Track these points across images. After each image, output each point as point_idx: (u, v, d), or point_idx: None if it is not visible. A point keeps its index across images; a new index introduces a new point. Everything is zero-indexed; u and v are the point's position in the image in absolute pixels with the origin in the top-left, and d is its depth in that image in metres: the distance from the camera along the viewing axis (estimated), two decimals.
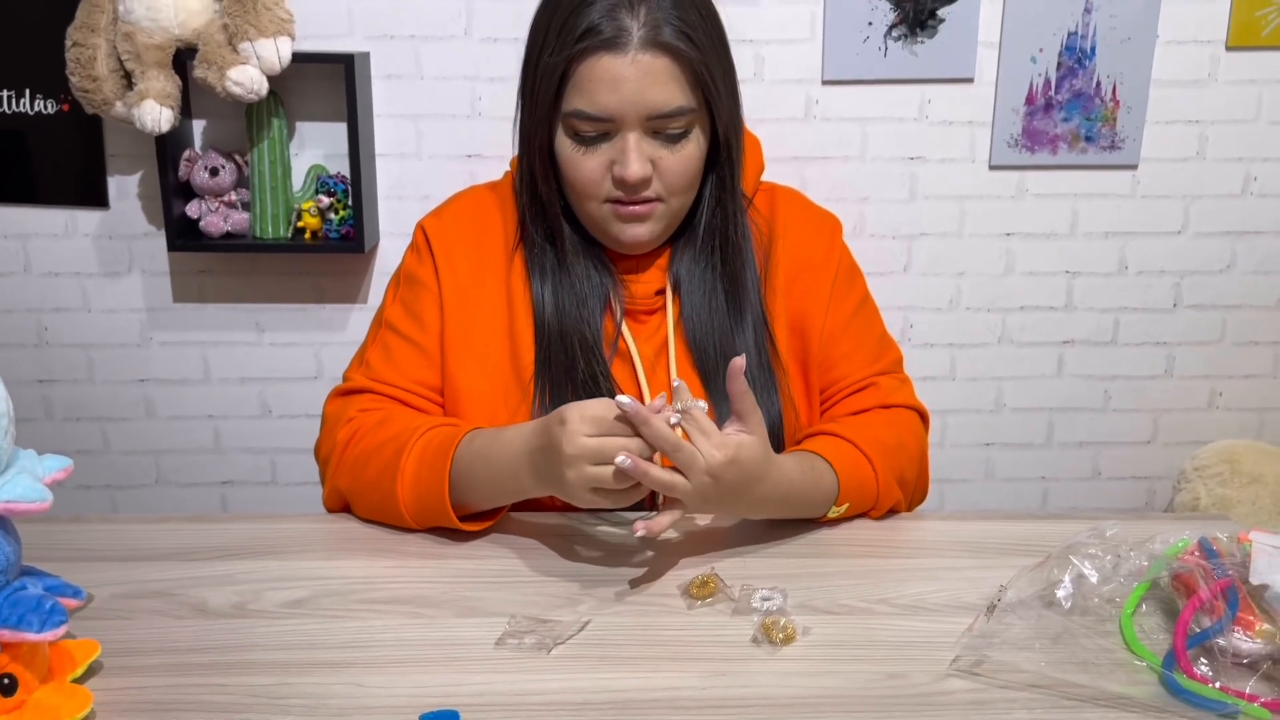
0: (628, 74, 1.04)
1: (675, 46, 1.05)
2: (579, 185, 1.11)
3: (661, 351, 1.16)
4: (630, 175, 1.07)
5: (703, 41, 1.07)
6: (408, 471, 1.04)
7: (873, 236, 1.83)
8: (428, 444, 1.05)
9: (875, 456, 1.10)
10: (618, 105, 1.05)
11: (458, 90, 1.75)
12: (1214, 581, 0.87)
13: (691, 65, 1.06)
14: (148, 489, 1.94)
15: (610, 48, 1.04)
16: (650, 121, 1.07)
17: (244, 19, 1.59)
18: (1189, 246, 1.85)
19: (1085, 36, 1.73)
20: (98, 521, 1.10)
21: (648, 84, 1.05)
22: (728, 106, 1.11)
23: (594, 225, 1.14)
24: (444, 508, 1.03)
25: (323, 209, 1.74)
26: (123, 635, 0.88)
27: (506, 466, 1.01)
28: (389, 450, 1.06)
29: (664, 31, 1.04)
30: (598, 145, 1.08)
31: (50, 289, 1.84)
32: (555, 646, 0.87)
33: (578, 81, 1.06)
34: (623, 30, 1.04)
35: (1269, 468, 1.78)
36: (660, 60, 1.05)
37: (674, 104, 1.06)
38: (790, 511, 1.06)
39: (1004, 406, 1.93)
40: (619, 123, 1.06)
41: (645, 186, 1.09)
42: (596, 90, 1.05)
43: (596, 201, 1.11)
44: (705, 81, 1.08)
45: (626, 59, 1.04)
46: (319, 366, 1.88)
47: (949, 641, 0.88)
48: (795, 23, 1.73)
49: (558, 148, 1.10)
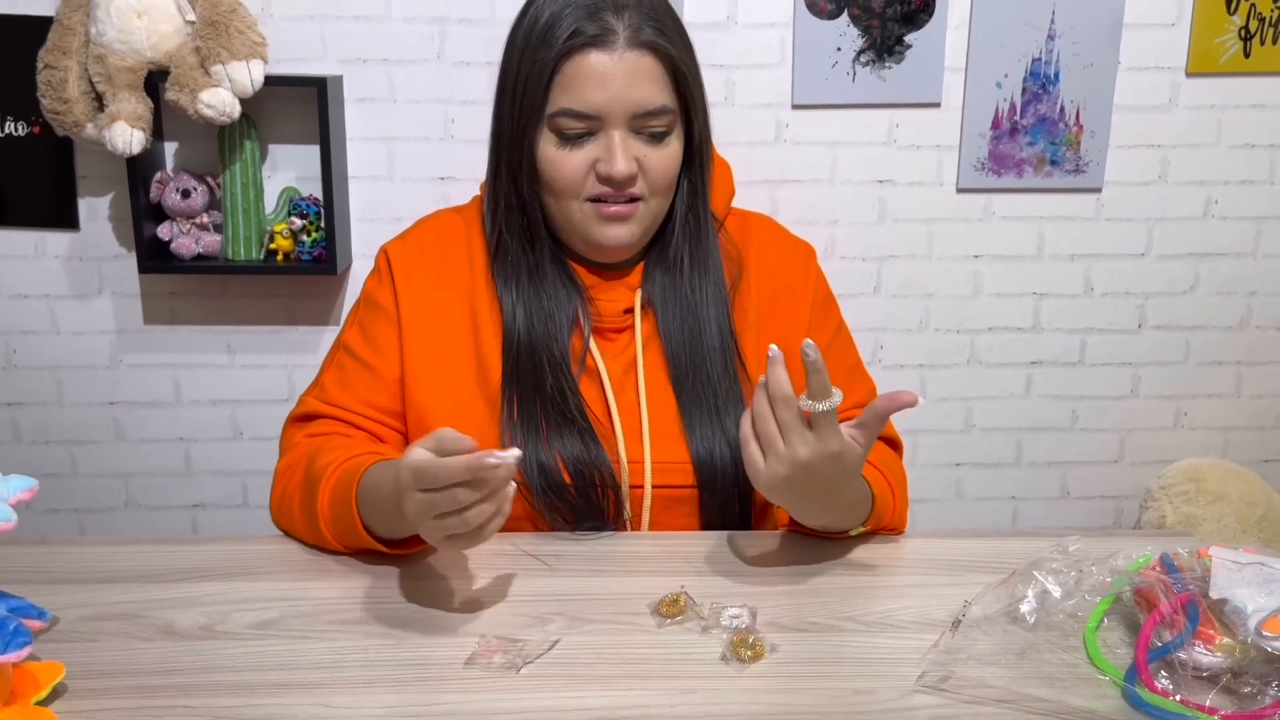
0: (615, 71, 1.07)
1: (659, 45, 1.08)
2: (561, 184, 1.11)
3: (630, 369, 1.17)
4: (618, 171, 1.08)
5: (680, 45, 1.11)
6: (324, 507, 1.04)
7: (843, 259, 1.85)
8: (340, 478, 1.04)
9: (897, 486, 1.12)
10: (605, 102, 1.07)
11: (430, 113, 1.76)
12: (1175, 596, 0.88)
13: (673, 64, 1.10)
14: (117, 512, 1.92)
15: (597, 45, 1.07)
16: (635, 120, 1.09)
17: (216, 42, 1.59)
18: (1153, 268, 1.89)
19: (1049, 63, 1.77)
20: (64, 544, 1.09)
21: (634, 81, 1.07)
22: (702, 111, 1.15)
23: (574, 228, 1.14)
24: (357, 533, 1.01)
25: (295, 231, 1.75)
26: (88, 657, 0.87)
27: (389, 504, 0.95)
28: (309, 487, 1.07)
29: (646, 31, 1.08)
30: (582, 144, 1.10)
31: (19, 311, 1.83)
32: (524, 666, 0.87)
33: (564, 80, 1.08)
34: (608, 29, 1.07)
35: (1233, 486, 1.81)
36: (645, 59, 1.08)
37: (658, 102, 1.09)
38: (832, 518, 1.05)
39: (973, 427, 1.95)
40: (605, 120, 1.08)
41: (631, 184, 1.11)
42: (584, 87, 1.07)
43: (578, 201, 1.12)
44: (685, 82, 1.11)
45: (614, 56, 1.07)
46: (291, 388, 1.87)
47: (915, 658, 0.88)
48: (765, 48, 1.76)
49: (540, 151, 1.11)
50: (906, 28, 1.74)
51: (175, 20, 1.62)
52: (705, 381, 1.15)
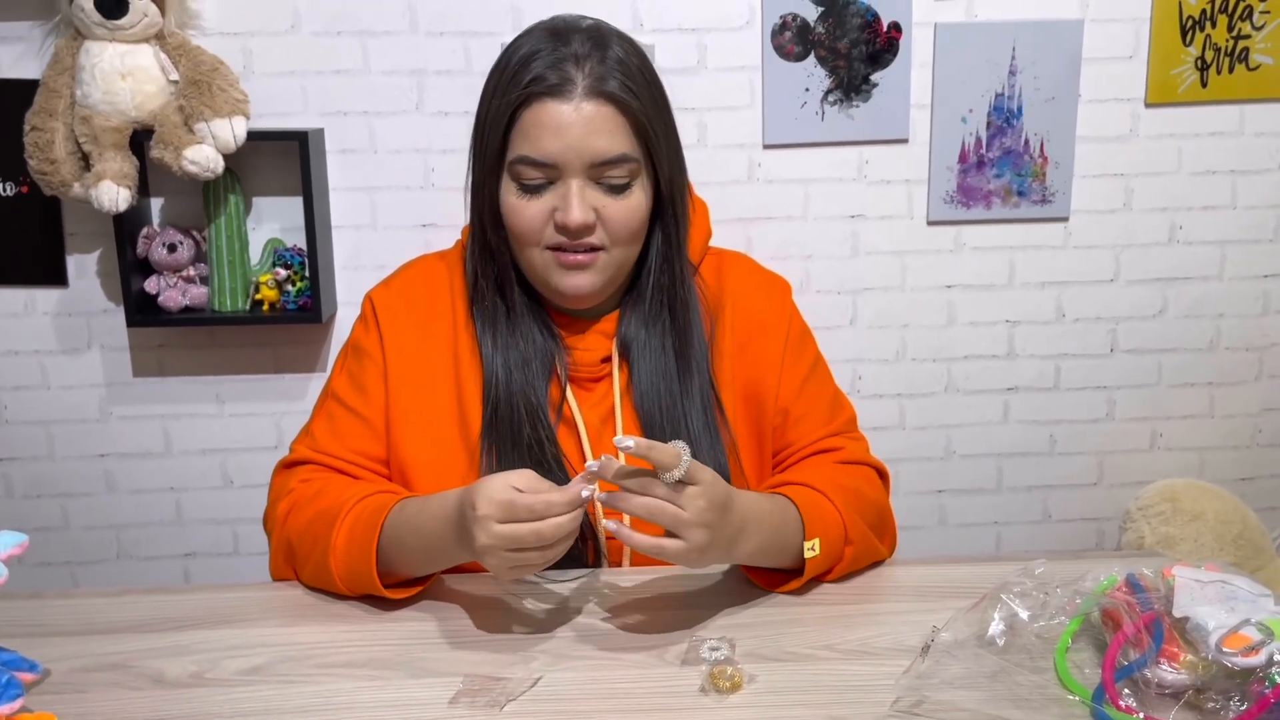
0: (571, 120, 1.08)
1: (618, 96, 1.09)
2: (520, 231, 1.12)
3: (608, 419, 1.18)
4: (572, 220, 1.09)
5: (644, 96, 1.11)
6: (339, 544, 1.05)
7: (818, 292, 1.88)
8: (358, 516, 1.06)
9: (829, 491, 1.10)
10: (561, 151, 1.08)
11: (410, 163, 1.80)
12: (1140, 616, 0.91)
13: (634, 115, 1.10)
14: (109, 564, 1.93)
15: (554, 94, 1.08)
16: (593, 169, 1.09)
17: (200, 100, 1.63)
18: (1122, 294, 1.93)
19: (1012, 97, 1.82)
20: (55, 597, 1.11)
21: (590, 131, 1.08)
22: (669, 162, 1.15)
23: (536, 275, 1.16)
24: (371, 577, 1.04)
25: (280, 281, 1.78)
26: (79, 708, 0.89)
27: (435, 535, 1.01)
28: (321, 523, 1.08)
29: (608, 83, 1.08)
30: (541, 193, 1.11)
31: (9, 367, 1.85)
32: (508, 703, 0.89)
33: (523, 128, 1.09)
34: (567, 80, 1.08)
35: (1209, 505, 1.83)
36: (604, 109, 1.08)
37: (616, 151, 1.09)
38: (769, 542, 1.04)
39: (953, 454, 1.98)
40: (562, 169, 1.09)
41: (588, 233, 1.11)
42: (540, 135, 1.08)
43: (539, 249, 1.13)
44: (647, 133, 1.11)
45: (570, 105, 1.08)
46: (279, 436, 1.89)
47: (890, 684, 0.90)
48: (735, 90, 1.80)
49: (503, 197, 1.13)
50: (872, 67, 1.79)
51: (159, 80, 1.66)
52: (684, 435, 1.15)
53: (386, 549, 1.04)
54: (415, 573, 1.07)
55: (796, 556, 1.07)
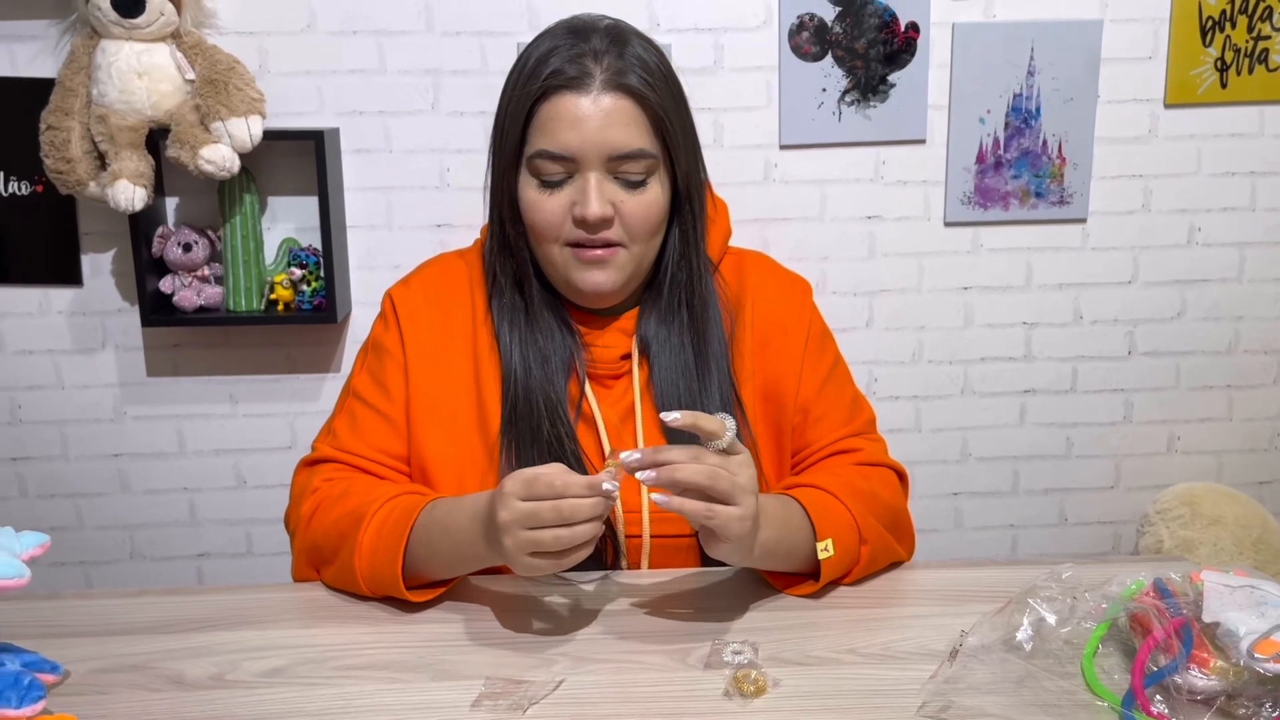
0: (589, 113, 1.08)
1: (637, 90, 1.09)
2: (540, 227, 1.12)
3: (628, 417, 1.18)
4: (590, 214, 1.09)
5: (663, 92, 1.11)
6: (365, 544, 1.05)
7: (835, 294, 1.88)
8: (386, 516, 1.06)
9: (839, 491, 1.09)
10: (579, 144, 1.08)
11: (426, 163, 1.80)
12: (1169, 621, 0.90)
13: (653, 110, 1.10)
14: (122, 564, 1.93)
15: (573, 87, 1.08)
16: (611, 163, 1.09)
17: (216, 99, 1.63)
18: (1140, 296, 1.91)
19: (1030, 98, 1.80)
20: (74, 598, 1.11)
21: (609, 124, 1.08)
22: (687, 159, 1.15)
23: (555, 272, 1.16)
24: (395, 578, 1.03)
25: (295, 281, 1.77)
26: (100, 710, 0.89)
27: (465, 535, 1.01)
28: (348, 523, 1.07)
29: (627, 77, 1.09)
30: (560, 187, 1.11)
31: (24, 367, 1.85)
32: (530, 706, 0.89)
33: (541, 122, 1.09)
34: (586, 73, 1.08)
35: (1228, 509, 1.82)
36: (622, 102, 1.09)
37: (634, 145, 1.09)
38: (780, 536, 1.03)
39: (970, 456, 1.97)
40: (580, 162, 1.09)
41: (605, 227, 1.11)
42: (558, 129, 1.08)
43: (558, 245, 1.13)
44: (665, 129, 1.11)
45: (588, 99, 1.08)
46: (293, 436, 1.89)
47: (916, 688, 0.90)
48: (752, 91, 1.79)
49: (521, 193, 1.13)
50: (889, 68, 1.78)
51: (175, 79, 1.65)
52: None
53: (414, 549, 1.04)
54: (441, 574, 1.06)
55: (806, 558, 1.06)
